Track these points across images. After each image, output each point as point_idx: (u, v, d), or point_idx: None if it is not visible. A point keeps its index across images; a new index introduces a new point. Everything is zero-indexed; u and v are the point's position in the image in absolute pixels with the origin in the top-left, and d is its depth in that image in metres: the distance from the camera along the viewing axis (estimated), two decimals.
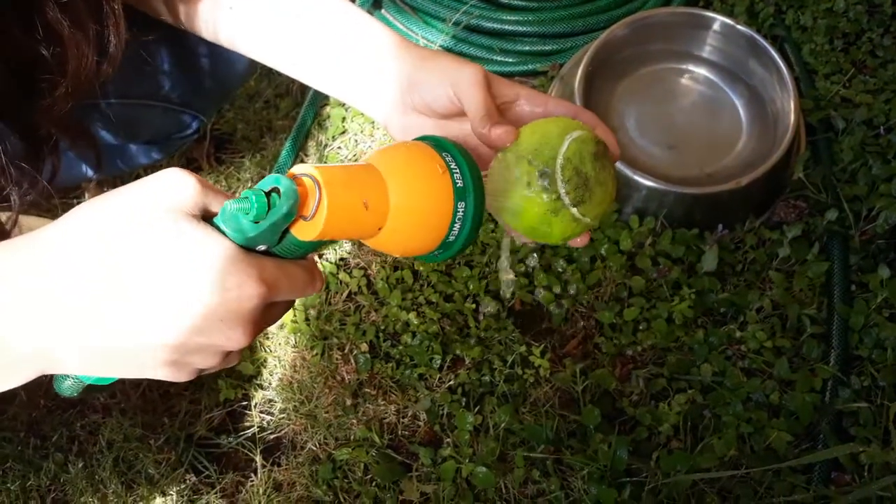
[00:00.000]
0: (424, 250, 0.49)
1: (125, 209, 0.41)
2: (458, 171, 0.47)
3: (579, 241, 0.56)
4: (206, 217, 0.42)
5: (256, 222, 0.41)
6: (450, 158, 0.48)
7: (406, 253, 0.49)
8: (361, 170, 0.45)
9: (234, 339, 0.42)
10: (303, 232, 0.43)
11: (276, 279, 0.42)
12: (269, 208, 0.41)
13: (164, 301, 0.40)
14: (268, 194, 0.41)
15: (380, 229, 0.45)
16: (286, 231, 0.43)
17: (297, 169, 0.43)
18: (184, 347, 0.41)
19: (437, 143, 0.49)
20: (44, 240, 0.41)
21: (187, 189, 0.41)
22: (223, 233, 0.41)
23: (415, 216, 0.46)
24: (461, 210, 0.47)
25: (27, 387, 0.45)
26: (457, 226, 0.47)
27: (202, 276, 0.40)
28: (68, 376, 0.47)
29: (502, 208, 0.53)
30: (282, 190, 0.41)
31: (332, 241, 0.46)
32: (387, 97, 0.61)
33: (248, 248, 0.42)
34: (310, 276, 0.45)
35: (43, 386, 1.03)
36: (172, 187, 0.41)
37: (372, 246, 0.48)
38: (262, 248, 0.43)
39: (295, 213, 0.41)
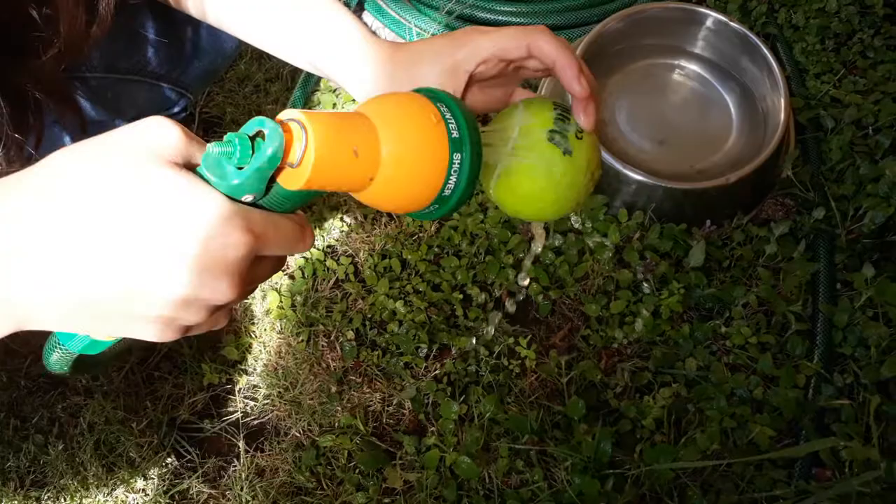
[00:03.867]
0: (418, 205, 0.47)
1: (106, 154, 0.39)
2: (453, 122, 0.45)
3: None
4: (190, 167, 0.40)
5: (240, 168, 0.39)
6: (445, 109, 0.46)
7: (399, 208, 0.47)
8: (351, 116, 0.44)
9: (221, 292, 0.40)
10: (290, 181, 0.41)
11: (264, 230, 0.41)
12: (254, 153, 0.39)
13: (145, 249, 0.38)
14: (252, 138, 0.39)
15: (371, 180, 0.43)
16: (273, 180, 0.41)
17: (284, 114, 0.41)
18: (170, 299, 0.39)
19: (433, 94, 0.47)
20: (20, 183, 0.39)
21: (171, 136, 0.39)
22: (207, 182, 0.39)
23: (408, 166, 0.44)
24: (457, 161, 0.45)
25: (8, 367, 0.43)
26: (452, 178, 0.45)
27: (184, 223, 0.38)
28: (55, 347, 0.45)
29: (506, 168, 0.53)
30: (266, 133, 0.39)
31: (321, 193, 0.44)
32: (372, 85, 0.61)
33: (233, 198, 0.40)
34: (300, 231, 0.44)
35: (24, 367, 1.01)
36: (156, 134, 0.39)
37: (363, 200, 0.46)
38: (248, 198, 0.41)
39: (280, 157, 0.39)
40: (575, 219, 1.12)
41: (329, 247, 1.14)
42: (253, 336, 1.09)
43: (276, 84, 1.33)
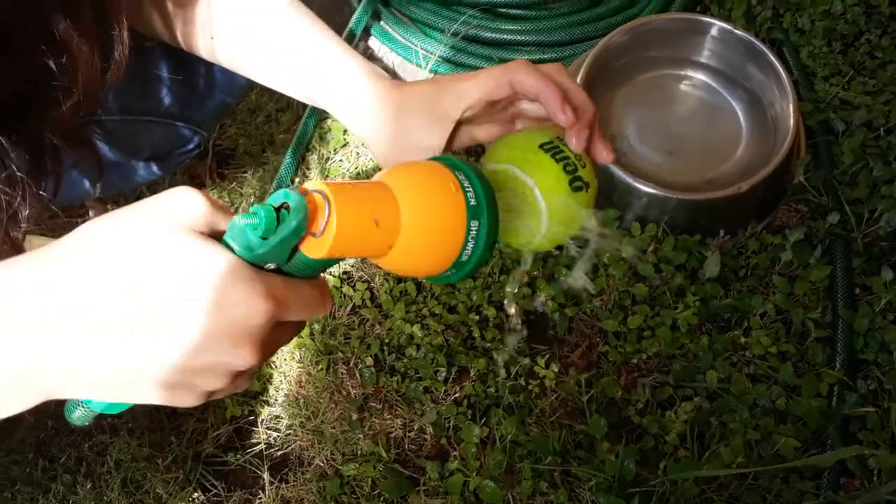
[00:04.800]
0: (436, 270, 0.48)
1: (132, 226, 0.40)
2: (471, 189, 0.47)
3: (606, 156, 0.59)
4: (215, 235, 0.42)
5: (265, 238, 0.40)
6: (463, 177, 0.47)
7: (418, 273, 0.49)
8: (373, 187, 0.45)
9: (242, 358, 0.41)
10: (312, 249, 0.42)
11: (285, 296, 0.42)
12: (279, 224, 0.40)
13: (168, 318, 0.39)
14: (277, 210, 0.41)
15: (391, 247, 0.45)
16: (296, 248, 0.42)
17: (309, 185, 0.42)
18: (189, 367, 0.40)
19: (451, 163, 0.48)
20: (48, 257, 0.40)
21: (196, 206, 0.41)
22: (232, 249, 0.41)
23: (427, 234, 0.45)
24: (474, 229, 0.46)
25: (34, 409, 0.44)
26: (470, 245, 0.47)
27: (207, 291, 0.39)
28: (78, 405, 0.46)
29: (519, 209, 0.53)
30: (291, 205, 0.40)
31: (342, 259, 0.46)
32: (371, 122, 0.63)
33: (257, 265, 0.41)
34: (320, 296, 0.45)
35: (50, 407, 1.03)
36: (181, 204, 0.41)
37: (383, 266, 0.47)
38: (271, 266, 0.42)
39: (304, 229, 0.41)
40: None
41: (345, 273, 1.15)
42: (273, 367, 1.09)
43: (286, 113, 1.35)
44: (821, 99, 1.20)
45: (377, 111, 0.63)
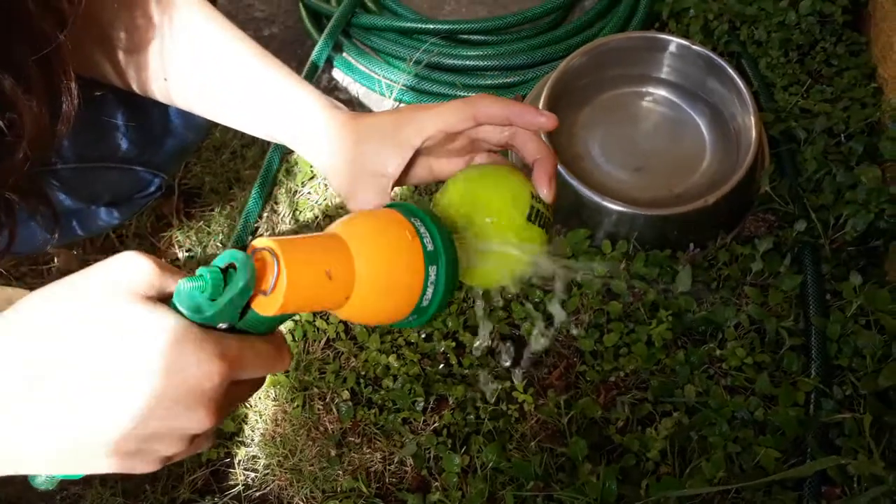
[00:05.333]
0: (397, 317, 0.48)
1: (77, 295, 0.40)
2: (427, 235, 0.47)
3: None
4: (165, 298, 0.41)
5: (213, 300, 0.40)
6: (419, 223, 0.47)
7: (378, 321, 0.48)
8: (324, 239, 0.45)
9: (197, 421, 0.41)
10: (264, 307, 0.42)
11: (238, 355, 0.41)
12: (226, 285, 0.40)
13: (118, 386, 0.39)
14: (224, 270, 0.40)
15: (347, 299, 0.44)
16: (247, 307, 0.42)
17: (257, 242, 0.42)
18: (143, 434, 0.40)
19: (406, 209, 0.48)
20: None
21: (142, 271, 0.40)
22: (180, 313, 0.40)
23: (383, 283, 0.45)
24: (433, 274, 0.46)
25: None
26: (429, 290, 0.47)
27: (155, 356, 0.39)
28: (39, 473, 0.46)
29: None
30: (237, 265, 0.40)
31: (298, 313, 0.45)
32: (328, 158, 0.62)
33: (208, 325, 0.41)
34: (277, 352, 0.45)
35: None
36: (127, 270, 0.40)
37: (342, 316, 0.46)
38: (223, 326, 0.42)
39: (252, 288, 0.40)
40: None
41: None
42: (248, 406, 1.08)
43: (252, 149, 1.34)
44: (781, 108, 1.22)
45: (333, 142, 0.63)
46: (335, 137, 0.62)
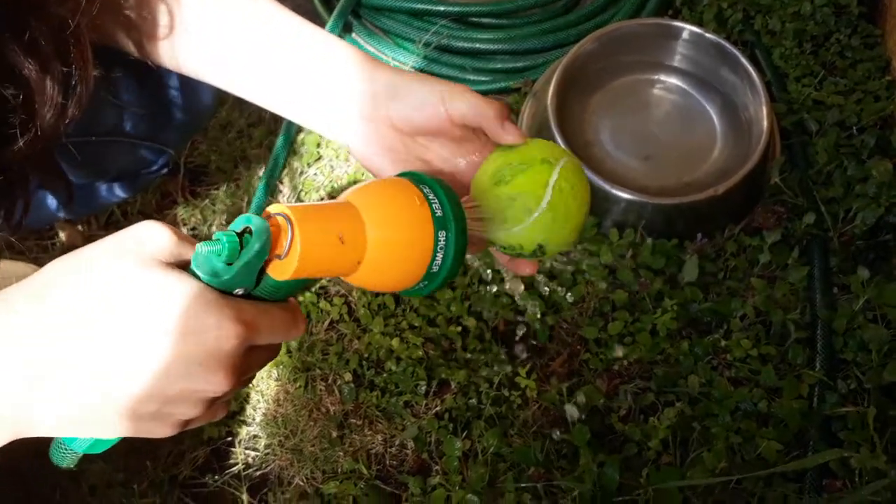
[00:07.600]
0: (407, 283, 0.49)
1: (98, 262, 0.41)
2: (436, 201, 0.47)
3: (528, 270, 0.58)
4: (182, 266, 0.42)
5: (229, 264, 0.41)
6: (427, 189, 0.48)
7: (389, 287, 0.49)
8: (336, 205, 0.46)
9: (216, 384, 0.41)
10: (279, 271, 0.42)
11: (256, 320, 0.42)
12: (242, 249, 0.41)
13: (139, 349, 0.39)
14: (240, 235, 0.41)
15: (359, 264, 0.45)
16: (263, 272, 0.43)
17: (272, 208, 0.43)
18: (161, 395, 0.40)
19: (415, 177, 0.49)
20: (13, 298, 0.40)
21: (161, 239, 0.41)
22: (198, 277, 0.41)
23: (394, 248, 0.46)
24: (442, 239, 0.47)
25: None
26: (439, 255, 0.47)
27: (175, 318, 0.39)
28: (60, 449, 0.46)
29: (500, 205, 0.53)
30: (253, 229, 0.41)
31: (313, 280, 0.46)
32: (355, 111, 0.60)
33: (225, 291, 0.42)
34: (292, 318, 0.45)
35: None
36: (146, 238, 0.41)
37: (353, 283, 0.47)
38: (239, 291, 0.42)
39: (268, 251, 0.41)
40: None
41: (322, 288, 1.14)
42: (250, 385, 1.08)
43: (258, 128, 1.33)
44: (794, 100, 1.21)
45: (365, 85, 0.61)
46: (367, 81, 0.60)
